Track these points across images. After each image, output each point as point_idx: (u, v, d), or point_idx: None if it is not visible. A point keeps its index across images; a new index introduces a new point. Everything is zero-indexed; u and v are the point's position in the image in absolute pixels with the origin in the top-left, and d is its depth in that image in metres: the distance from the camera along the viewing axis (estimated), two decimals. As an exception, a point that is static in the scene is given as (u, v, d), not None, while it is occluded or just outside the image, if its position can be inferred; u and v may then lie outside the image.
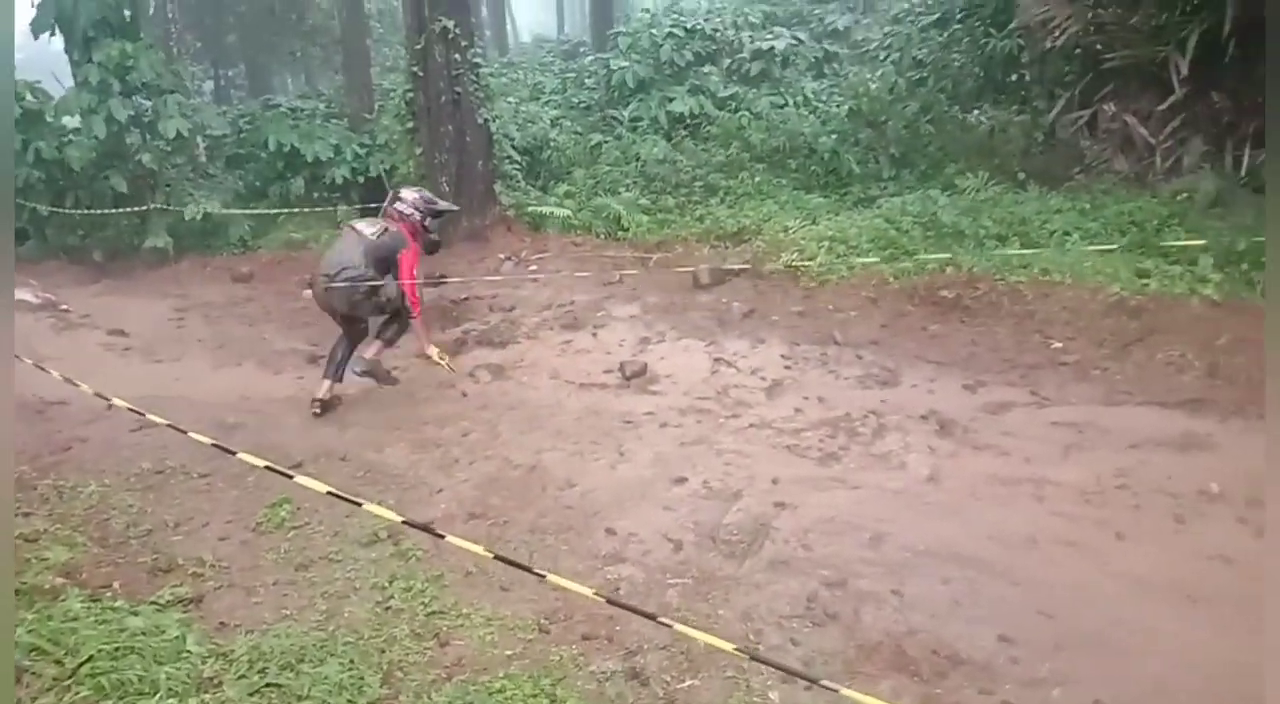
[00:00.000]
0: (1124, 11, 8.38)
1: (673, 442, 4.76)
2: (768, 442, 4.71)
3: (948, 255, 6.47)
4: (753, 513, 3.99)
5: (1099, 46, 8.36)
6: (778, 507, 4.03)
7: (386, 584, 3.46)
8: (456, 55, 8.90)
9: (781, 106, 10.51)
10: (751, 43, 12.15)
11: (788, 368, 5.62)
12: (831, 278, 6.82)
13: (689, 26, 12.03)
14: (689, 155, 9.87)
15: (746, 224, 8.34)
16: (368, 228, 5.62)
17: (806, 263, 7.06)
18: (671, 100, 11.04)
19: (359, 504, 3.15)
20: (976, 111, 9.52)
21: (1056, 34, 8.59)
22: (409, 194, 5.78)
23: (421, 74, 8.86)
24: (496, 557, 2.90)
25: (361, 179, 10.36)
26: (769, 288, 6.89)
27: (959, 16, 9.61)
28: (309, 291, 5.78)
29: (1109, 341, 5.32)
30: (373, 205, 9.46)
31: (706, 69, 11.72)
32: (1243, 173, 7.40)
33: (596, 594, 2.76)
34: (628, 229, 8.82)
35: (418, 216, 5.66)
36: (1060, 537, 3.67)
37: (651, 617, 2.77)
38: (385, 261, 5.50)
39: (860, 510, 3.95)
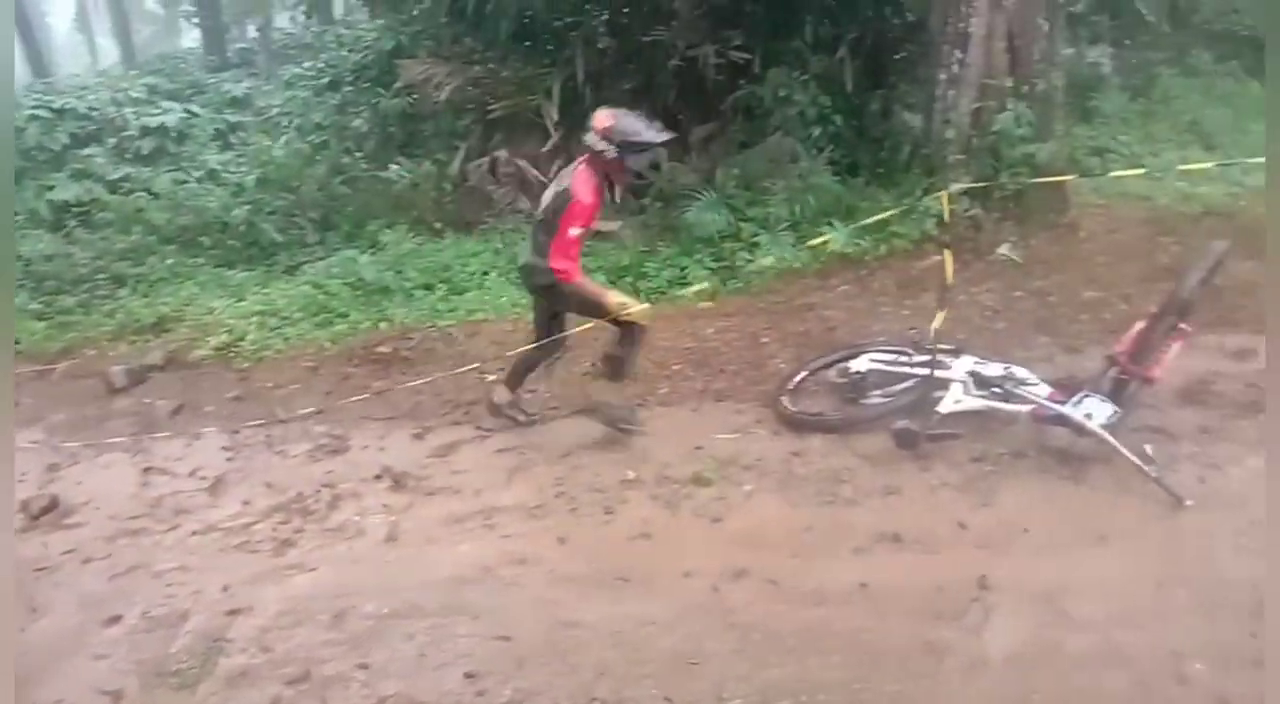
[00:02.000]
0: (495, 66, 9.28)
1: (101, 577, 4.15)
2: (215, 546, 4.33)
3: (379, 312, 6.57)
4: (203, 631, 3.64)
5: (487, 98, 9.14)
6: (231, 615, 3.72)
7: None
8: None
9: (184, 183, 9.81)
10: (138, 119, 11.19)
11: (230, 459, 5.22)
12: (267, 354, 6.51)
13: (57, 106, 10.71)
14: (84, 247, 8.74)
15: (166, 312, 7.59)
16: (550, 193, 4.61)
17: (238, 343, 6.67)
18: (52, 188, 9.71)
19: None
20: (396, 166, 9.79)
21: (442, 90, 9.22)
22: (602, 118, 4.38)
23: None
24: None
25: None
26: (199, 377, 6.37)
27: (349, 79, 9.84)
28: None
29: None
30: None
31: (89, 151, 10.51)
32: (617, 200, 8.59)
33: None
34: (20, 341, 7.53)
35: (611, 152, 4.33)
36: (512, 557, 3.89)
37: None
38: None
39: (320, 592, 3.80)
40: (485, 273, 7.16)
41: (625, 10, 8.82)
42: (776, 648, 3.22)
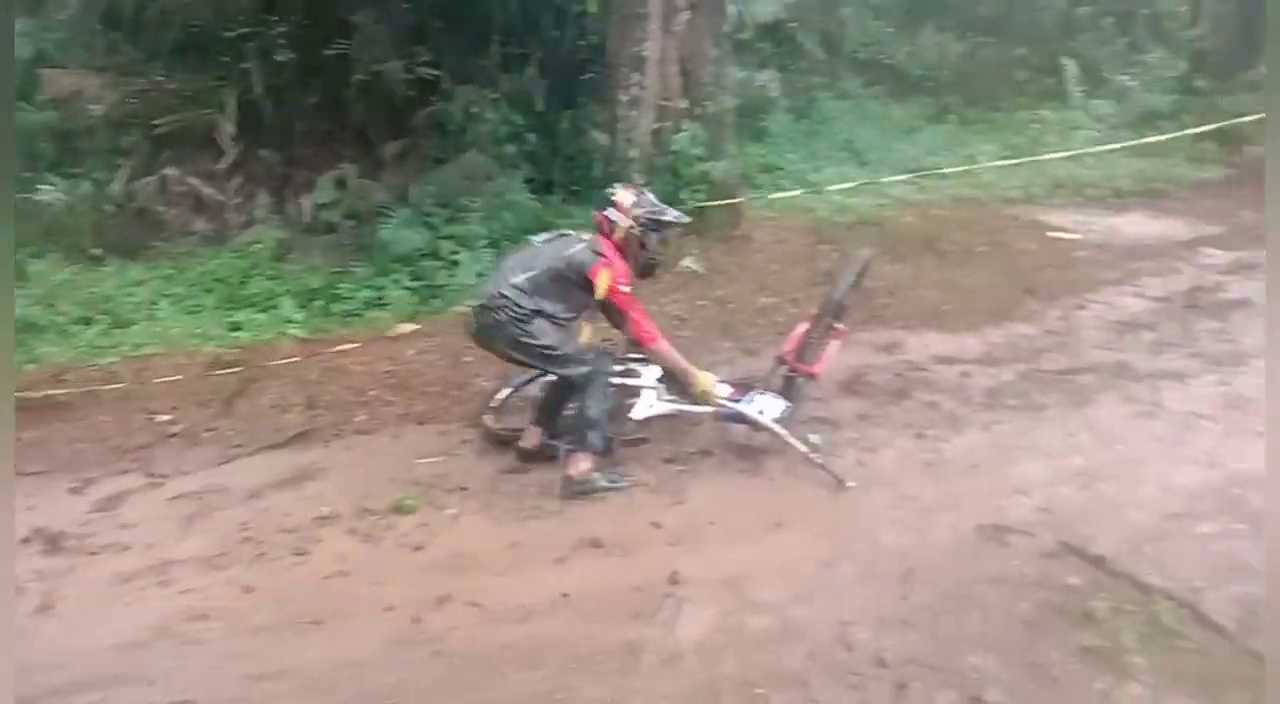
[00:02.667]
0: (161, 78, 8.52)
1: None
2: None
3: (27, 352, 5.81)
4: None
5: (152, 112, 8.35)
6: None
7: None
8: None
9: None
10: None
11: None
12: (-118, 409, 5.53)
13: None
14: None
15: None
16: (547, 239, 4.38)
17: None
18: None
19: None
20: (49, 187, 8.66)
21: (98, 103, 8.34)
22: (626, 195, 4.33)
23: None
24: None
25: None
26: None
27: (-20, 90, 8.59)
28: None
29: (213, 401, 5.35)
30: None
31: None
32: (304, 218, 8.19)
33: None
34: None
35: (636, 230, 4.28)
36: (191, 614, 3.56)
37: None
38: (565, 285, 4.18)
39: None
40: (154, 302, 6.54)
41: (304, 23, 8.43)
42: (480, 669, 3.19)
